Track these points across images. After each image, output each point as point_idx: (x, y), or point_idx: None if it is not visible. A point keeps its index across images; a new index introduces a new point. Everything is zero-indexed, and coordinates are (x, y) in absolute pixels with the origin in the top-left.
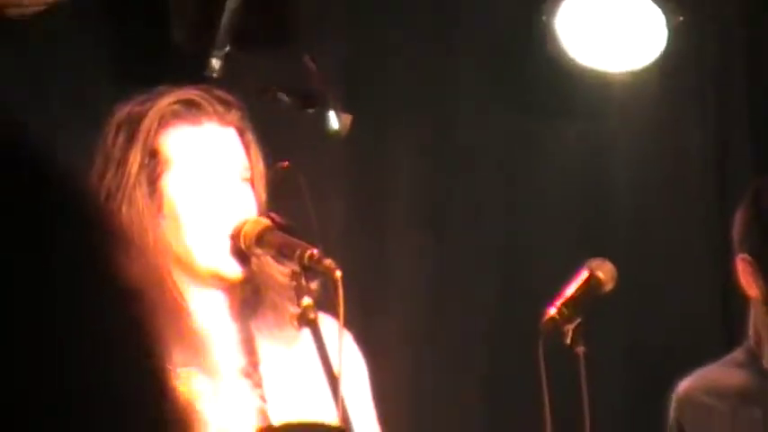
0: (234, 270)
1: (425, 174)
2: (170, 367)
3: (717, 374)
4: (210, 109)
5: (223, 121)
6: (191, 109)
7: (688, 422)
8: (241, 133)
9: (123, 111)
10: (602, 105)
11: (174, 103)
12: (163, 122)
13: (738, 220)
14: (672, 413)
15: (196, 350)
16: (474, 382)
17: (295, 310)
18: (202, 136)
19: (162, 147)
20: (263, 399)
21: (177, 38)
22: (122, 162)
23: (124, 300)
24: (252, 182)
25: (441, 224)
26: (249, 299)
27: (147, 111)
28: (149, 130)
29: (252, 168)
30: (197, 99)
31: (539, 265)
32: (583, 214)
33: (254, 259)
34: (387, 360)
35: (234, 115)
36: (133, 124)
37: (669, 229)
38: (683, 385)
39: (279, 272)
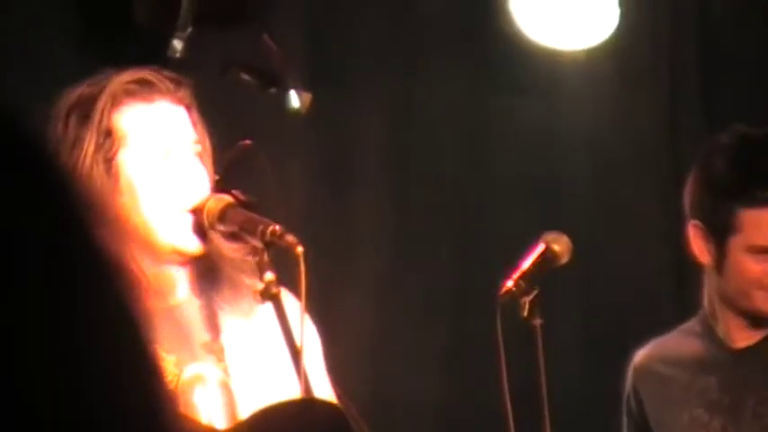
0: (194, 245)
1: (386, 147)
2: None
3: (673, 344)
4: (162, 87)
5: (174, 98)
6: (143, 87)
7: (645, 391)
8: (189, 110)
9: (73, 94)
10: (556, 82)
11: (127, 82)
12: (116, 101)
13: (689, 187)
14: (629, 382)
15: (163, 328)
16: (433, 353)
17: (256, 284)
18: (156, 113)
19: (116, 125)
20: (226, 372)
21: (139, 18)
22: (77, 143)
23: (110, 277)
24: (200, 157)
25: (401, 198)
26: (206, 274)
27: (100, 91)
28: (103, 110)
29: (201, 144)
30: (149, 77)
31: (495, 238)
32: (539, 188)
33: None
34: (346, 332)
35: (184, 92)
36: (85, 105)
37: (624, 202)
38: (640, 355)
39: (229, 248)
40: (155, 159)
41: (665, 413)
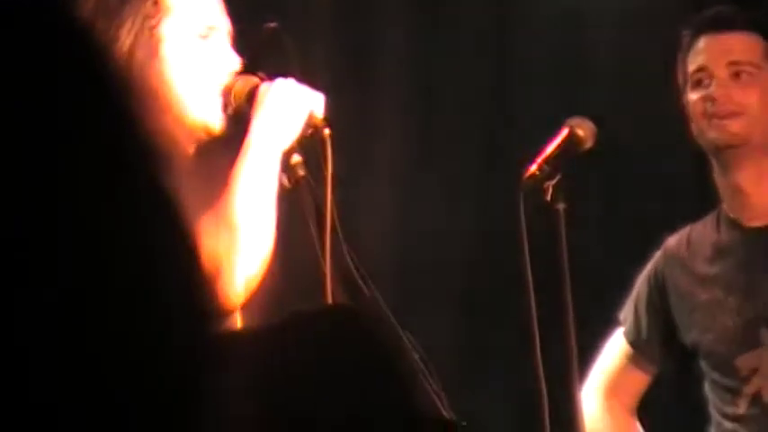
0: (220, 124)
1: (411, 32)
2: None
3: (698, 231)
4: None
5: None
6: None
7: (670, 276)
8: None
9: None
10: None
11: None
12: None
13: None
14: (653, 265)
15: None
16: (457, 238)
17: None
18: None
19: None
20: None
21: None
22: (120, 11)
23: (149, 154)
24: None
25: (426, 83)
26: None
27: None
28: None
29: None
30: None
31: (521, 122)
32: (565, 73)
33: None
34: (371, 217)
35: None
36: None
37: (649, 91)
38: (670, 241)
39: None
40: (194, 36)
41: (687, 295)
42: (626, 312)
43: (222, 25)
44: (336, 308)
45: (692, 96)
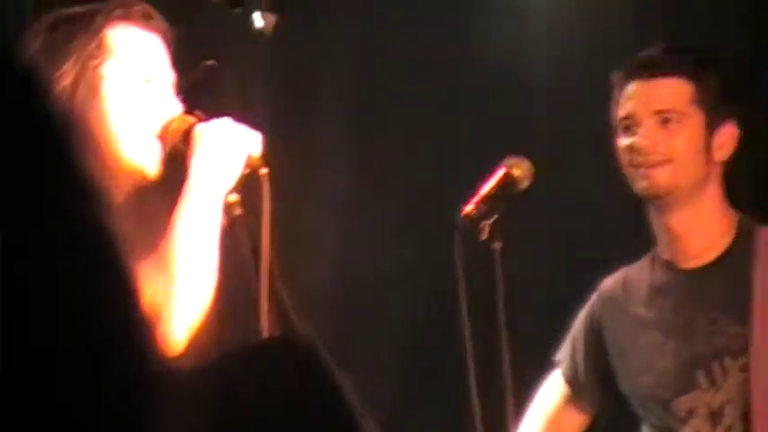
0: (156, 168)
1: (350, 68)
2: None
3: (635, 272)
4: (158, 23)
5: (165, 37)
6: (142, 16)
7: (607, 319)
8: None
9: (62, 12)
10: (522, 3)
11: (127, 6)
12: (112, 19)
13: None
14: (590, 308)
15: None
16: (396, 274)
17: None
18: (146, 40)
19: (108, 39)
20: None
21: None
22: (64, 52)
23: (89, 196)
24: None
25: (365, 119)
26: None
27: (97, 10)
28: (100, 22)
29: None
30: (148, 10)
31: (459, 162)
32: (503, 111)
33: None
34: (310, 255)
35: (171, 36)
36: (79, 19)
37: (587, 128)
38: (606, 283)
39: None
40: (136, 79)
41: (625, 338)
42: (563, 354)
43: (165, 73)
44: (276, 339)
45: (621, 142)
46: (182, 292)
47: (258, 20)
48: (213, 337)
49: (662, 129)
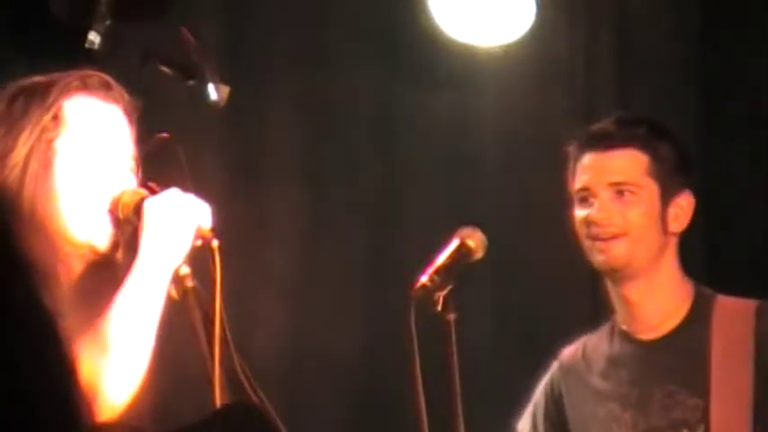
0: (107, 243)
1: (301, 142)
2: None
3: (593, 341)
4: (117, 93)
5: (125, 108)
6: (101, 86)
7: (566, 388)
8: (131, 125)
9: (22, 82)
10: (473, 77)
11: (86, 76)
12: (71, 90)
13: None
14: (550, 377)
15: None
16: (348, 349)
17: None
18: (105, 112)
19: (65, 110)
20: None
21: (57, 12)
22: (20, 123)
23: (26, 274)
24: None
25: (316, 192)
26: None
27: (56, 80)
28: (57, 93)
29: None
30: (108, 80)
31: (410, 233)
32: (453, 182)
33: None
34: (260, 329)
35: (133, 107)
36: (38, 89)
37: (539, 199)
38: (565, 352)
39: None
40: (90, 154)
41: (584, 409)
42: (524, 423)
43: (122, 145)
44: (230, 409)
45: (578, 214)
46: (112, 368)
47: (212, 92)
48: (164, 406)
49: (617, 200)
